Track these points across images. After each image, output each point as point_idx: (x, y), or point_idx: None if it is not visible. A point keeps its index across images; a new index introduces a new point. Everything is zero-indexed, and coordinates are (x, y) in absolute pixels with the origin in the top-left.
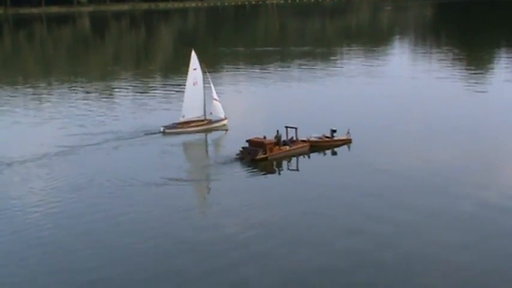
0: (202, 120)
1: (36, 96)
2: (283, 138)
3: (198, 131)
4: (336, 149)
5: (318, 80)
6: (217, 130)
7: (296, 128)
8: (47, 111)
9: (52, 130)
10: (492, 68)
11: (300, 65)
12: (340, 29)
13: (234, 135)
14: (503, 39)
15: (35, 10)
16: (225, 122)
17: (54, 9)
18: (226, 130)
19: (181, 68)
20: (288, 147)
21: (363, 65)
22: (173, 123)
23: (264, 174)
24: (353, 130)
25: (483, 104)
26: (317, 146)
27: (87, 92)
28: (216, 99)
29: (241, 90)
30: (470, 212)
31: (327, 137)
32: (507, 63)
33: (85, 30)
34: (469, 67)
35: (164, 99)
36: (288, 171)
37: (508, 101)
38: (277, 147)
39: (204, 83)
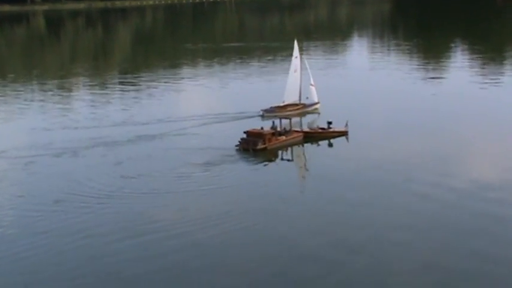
0: (297, 105)
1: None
2: (278, 128)
3: (293, 115)
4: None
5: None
6: (311, 113)
7: (290, 119)
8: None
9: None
10: (449, 59)
11: (261, 60)
12: (299, 24)
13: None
14: (460, 32)
15: None
16: (317, 106)
17: (5, 8)
18: (319, 113)
19: (140, 66)
20: (284, 137)
21: (325, 59)
22: (271, 107)
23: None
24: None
25: (441, 93)
26: (311, 137)
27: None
28: (312, 85)
29: (202, 84)
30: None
31: (322, 128)
32: (463, 54)
33: (40, 29)
34: (426, 59)
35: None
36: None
37: (467, 89)
38: (274, 137)
39: (301, 70)
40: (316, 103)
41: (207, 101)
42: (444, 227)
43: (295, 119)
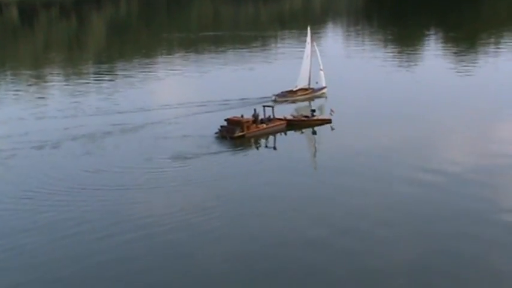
0: (306, 89)
1: None
2: (261, 116)
3: (303, 99)
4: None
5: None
6: (319, 98)
7: (272, 107)
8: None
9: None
10: (423, 47)
11: (235, 49)
12: (274, 13)
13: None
14: (434, 21)
15: None
16: (324, 90)
17: None
18: (326, 97)
19: (115, 56)
20: (264, 125)
21: (301, 48)
22: (281, 92)
23: (240, 150)
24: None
25: (417, 81)
26: (295, 125)
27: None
28: (321, 69)
29: (180, 74)
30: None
31: (305, 116)
32: (437, 43)
33: (13, 20)
34: (401, 48)
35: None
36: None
37: (442, 76)
38: (254, 125)
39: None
40: (324, 87)
41: (187, 89)
42: (422, 212)
43: (303, 104)
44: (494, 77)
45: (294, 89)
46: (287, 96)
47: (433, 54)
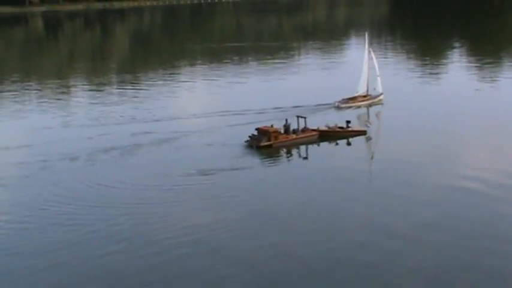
0: (365, 96)
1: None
2: (295, 127)
3: (364, 106)
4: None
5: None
6: (376, 104)
7: (305, 118)
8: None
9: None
10: (447, 60)
11: (259, 59)
12: (297, 25)
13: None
14: (457, 33)
15: None
16: (381, 97)
17: (5, 10)
18: (383, 104)
19: (138, 65)
20: (294, 136)
21: (324, 59)
22: (343, 99)
23: (264, 159)
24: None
25: (447, 93)
26: (328, 136)
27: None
28: (378, 76)
29: (212, 84)
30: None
31: (340, 127)
32: (460, 55)
33: (38, 31)
34: (425, 59)
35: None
36: (287, 158)
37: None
38: (283, 135)
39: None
40: (381, 94)
41: (216, 99)
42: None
43: (361, 111)
44: None
45: (355, 95)
46: (349, 102)
47: (458, 66)
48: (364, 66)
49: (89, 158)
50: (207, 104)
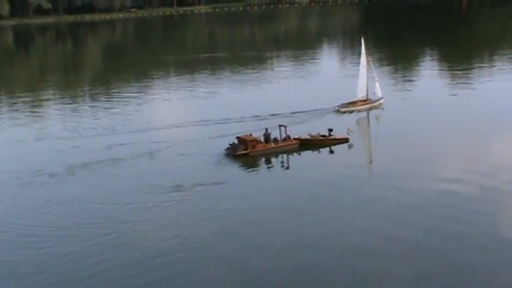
0: (365, 100)
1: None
2: (277, 135)
3: (364, 110)
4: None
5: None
6: (376, 108)
7: (285, 126)
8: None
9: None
10: (418, 67)
11: (234, 69)
12: (270, 35)
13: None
14: (428, 40)
15: None
16: (381, 101)
17: None
18: (383, 108)
19: (111, 78)
20: (273, 145)
21: (296, 68)
22: (342, 103)
23: (240, 168)
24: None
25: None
26: (309, 144)
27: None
28: (376, 81)
29: (171, 98)
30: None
31: (322, 136)
32: (432, 62)
33: (8, 44)
34: (397, 67)
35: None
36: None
37: (440, 96)
38: (262, 144)
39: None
40: (381, 98)
41: (194, 109)
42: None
43: (361, 115)
44: (491, 96)
45: (355, 99)
46: (349, 106)
47: (430, 73)
48: (361, 71)
49: (58, 173)
50: (183, 114)
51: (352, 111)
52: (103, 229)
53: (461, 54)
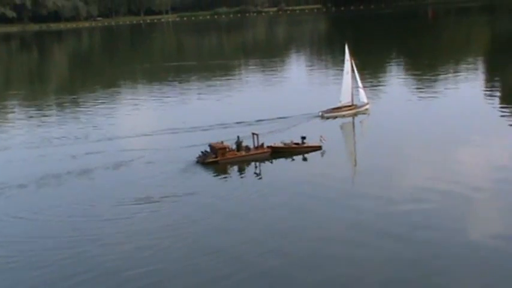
0: (350, 106)
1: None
2: (251, 144)
3: (349, 115)
4: (297, 156)
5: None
6: (363, 114)
7: (257, 134)
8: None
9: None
10: (385, 75)
11: (202, 78)
12: (238, 43)
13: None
14: (395, 48)
15: None
16: (367, 106)
17: None
18: (369, 114)
19: (77, 87)
20: (243, 153)
21: (264, 76)
22: (327, 109)
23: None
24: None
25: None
26: (282, 152)
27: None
28: (361, 87)
29: (139, 105)
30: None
31: (296, 144)
32: (398, 69)
33: None
34: (365, 74)
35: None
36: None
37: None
38: (232, 152)
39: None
40: (366, 104)
41: (166, 117)
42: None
43: (345, 120)
44: (454, 103)
45: (339, 104)
46: (333, 112)
47: (396, 80)
48: (345, 76)
49: (24, 184)
50: (152, 123)
51: (336, 117)
52: (69, 242)
53: (427, 62)
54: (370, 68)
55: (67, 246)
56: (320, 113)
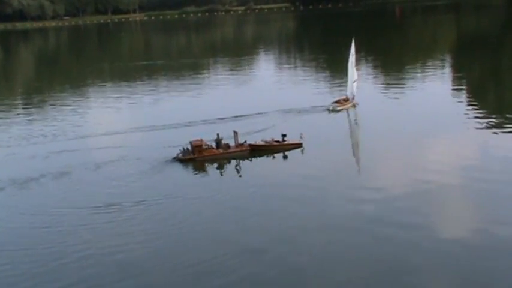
0: (347, 100)
1: None
2: (233, 141)
3: (348, 109)
4: (277, 153)
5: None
6: (353, 107)
7: (236, 133)
8: None
9: None
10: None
11: (168, 77)
12: (206, 42)
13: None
14: (363, 46)
15: None
16: (355, 100)
17: None
18: (356, 106)
19: (44, 86)
20: (221, 150)
21: (231, 75)
22: (332, 102)
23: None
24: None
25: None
26: (262, 150)
27: None
28: (354, 81)
29: (110, 105)
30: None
31: (276, 141)
32: (367, 67)
33: None
34: (332, 72)
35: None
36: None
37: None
38: (210, 149)
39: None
40: (353, 97)
41: (136, 115)
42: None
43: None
44: (422, 101)
45: (344, 98)
46: (343, 104)
47: (365, 78)
48: (349, 70)
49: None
50: (122, 121)
51: (341, 110)
52: (40, 250)
53: (395, 60)
54: (338, 66)
55: (39, 254)
56: (331, 106)
